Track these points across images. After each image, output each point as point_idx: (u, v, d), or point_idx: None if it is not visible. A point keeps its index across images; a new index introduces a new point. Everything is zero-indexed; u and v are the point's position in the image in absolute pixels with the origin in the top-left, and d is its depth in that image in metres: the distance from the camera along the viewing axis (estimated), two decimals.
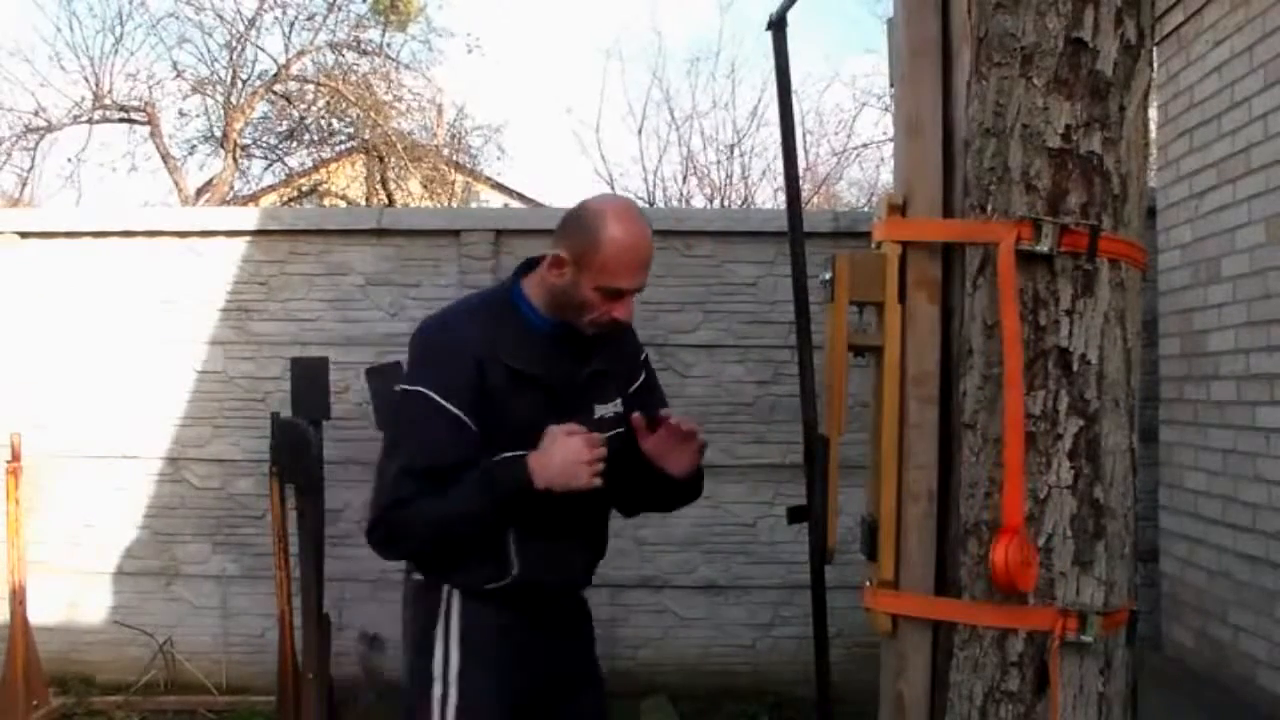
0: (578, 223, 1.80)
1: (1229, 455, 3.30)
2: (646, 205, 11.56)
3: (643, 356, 2.07)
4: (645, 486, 1.92)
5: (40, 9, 20.85)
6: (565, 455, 1.72)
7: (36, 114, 10.62)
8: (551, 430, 1.75)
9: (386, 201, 11.24)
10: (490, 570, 1.83)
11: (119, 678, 4.09)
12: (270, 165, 12.01)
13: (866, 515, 1.67)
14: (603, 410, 1.88)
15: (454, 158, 12.30)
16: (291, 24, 11.32)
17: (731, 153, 12.01)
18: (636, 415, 1.85)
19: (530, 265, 1.90)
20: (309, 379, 3.52)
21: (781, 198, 5.20)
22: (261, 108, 11.47)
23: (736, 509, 4.12)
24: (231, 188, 11.01)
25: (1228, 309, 3.33)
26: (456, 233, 4.20)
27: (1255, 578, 3.12)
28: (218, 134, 11.08)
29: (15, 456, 3.65)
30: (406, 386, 1.81)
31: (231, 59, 11.14)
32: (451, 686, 1.84)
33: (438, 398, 1.76)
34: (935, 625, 1.56)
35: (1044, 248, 1.46)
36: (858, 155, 13.36)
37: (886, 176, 12.27)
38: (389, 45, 11.68)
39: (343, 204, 11.70)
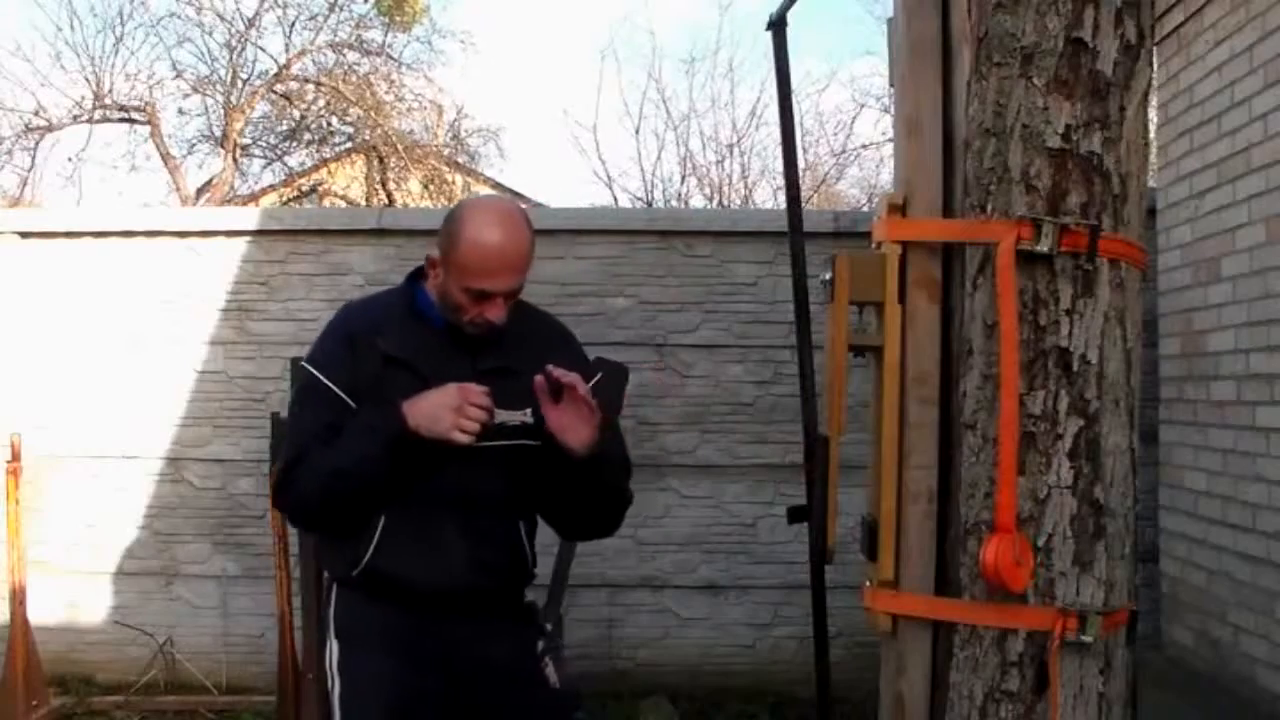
0: (446, 224, 1.81)
1: (1229, 455, 3.30)
2: (645, 205, 11.57)
3: (592, 381, 1.84)
4: (565, 494, 1.87)
5: (41, 8, 20.80)
6: (438, 398, 1.73)
7: (37, 114, 10.63)
8: (444, 385, 1.76)
9: (386, 201, 11.24)
10: (351, 554, 1.84)
11: (119, 678, 4.09)
12: (270, 165, 12.03)
13: (866, 515, 1.67)
14: (505, 416, 1.78)
15: (454, 158, 12.30)
16: (292, 24, 11.34)
17: (730, 152, 12.02)
18: (538, 378, 1.74)
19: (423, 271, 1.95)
20: None
21: (781, 198, 5.20)
22: (261, 107, 11.48)
23: (736, 509, 4.12)
24: (231, 188, 11.02)
25: (1228, 309, 3.33)
26: None
27: (1255, 578, 3.12)
28: (217, 134, 11.08)
29: (15, 456, 3.65)
30: (299, 360, 1.96)
31: (231, 59, 11.16)
32: (336, 676, 1.87)
33: (315, 371, 1.85)
34: (935, 625, 1.56)
35: (1044, 248, 1.46)
36: (857, 156, 13.37)
37: (886, 176, 12.27)
38: (390, 46, 11.70)
39: (343, 204, 11.69)
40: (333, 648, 1.89)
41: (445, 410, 1.71)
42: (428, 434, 1.71)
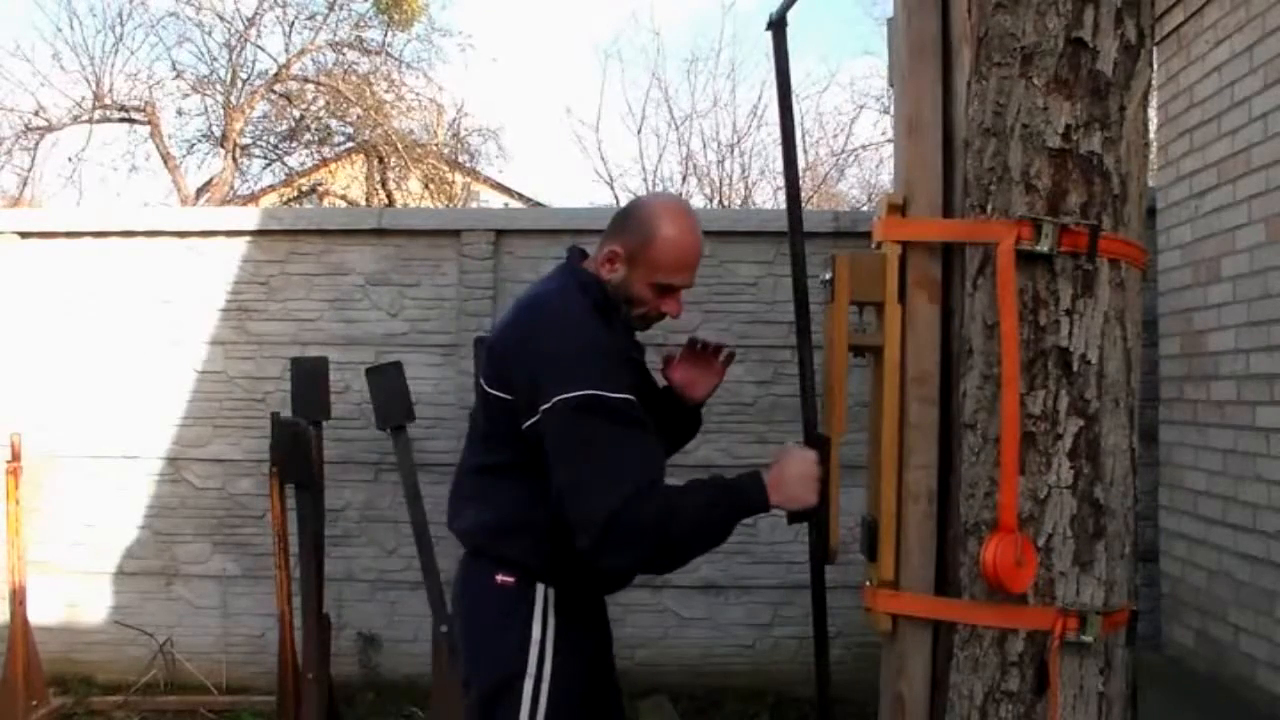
0: (634, 220, 1.83)
1: (1229, 455, 3.30)
2: None
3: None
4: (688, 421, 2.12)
5: (40, 8, 20.87)
6: (798, 472, 1.69)
7: (37, 114, 10.63)
8: (788, 446, 1.74)
9: (386, 201, 11.24)
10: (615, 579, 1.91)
11: (119, 678, 4.09)
12: (270, 165, 12.02)
13: (866, 515, 1.67)
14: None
15: (454, 158, 12.30)
16: (292, 23, 11.34)
17: (731, 152, 12.01)
18: (668, 353, 2.04)
19: (577, 257, 1.93)
20: (309, 379, 3.52)
21: (781, 198, 5.19)
22: (261, 107, 11.47)
23: None
24: (231, 187, 11.01)
25: (1228, 309, 3.33)
26: (456, 233, 4.20)
27: (1255, 578, 3.12)
28: (217, 134, 11.08)
29: (15, 456, 3.65)
30: (582, 393, 1.65)
31: (231, 58, 11.15)
32: (544, 685, 1.80)
33: (615, 395, 1.68)
34: (935, 625, 1.56)
35: (1044, 248, 1.46)
36: (857, 156, 13.37)
37: (886, 176, 12.27)
38: (390, 45, 11.70)
39: (343, 204, 11.69)
40: (547, 652, 1.81)
41: (812, 482, 1.69)
42: (791, 509, 1.71)
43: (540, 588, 1.81)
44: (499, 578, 1.82)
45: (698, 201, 12.19)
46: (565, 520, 1.66)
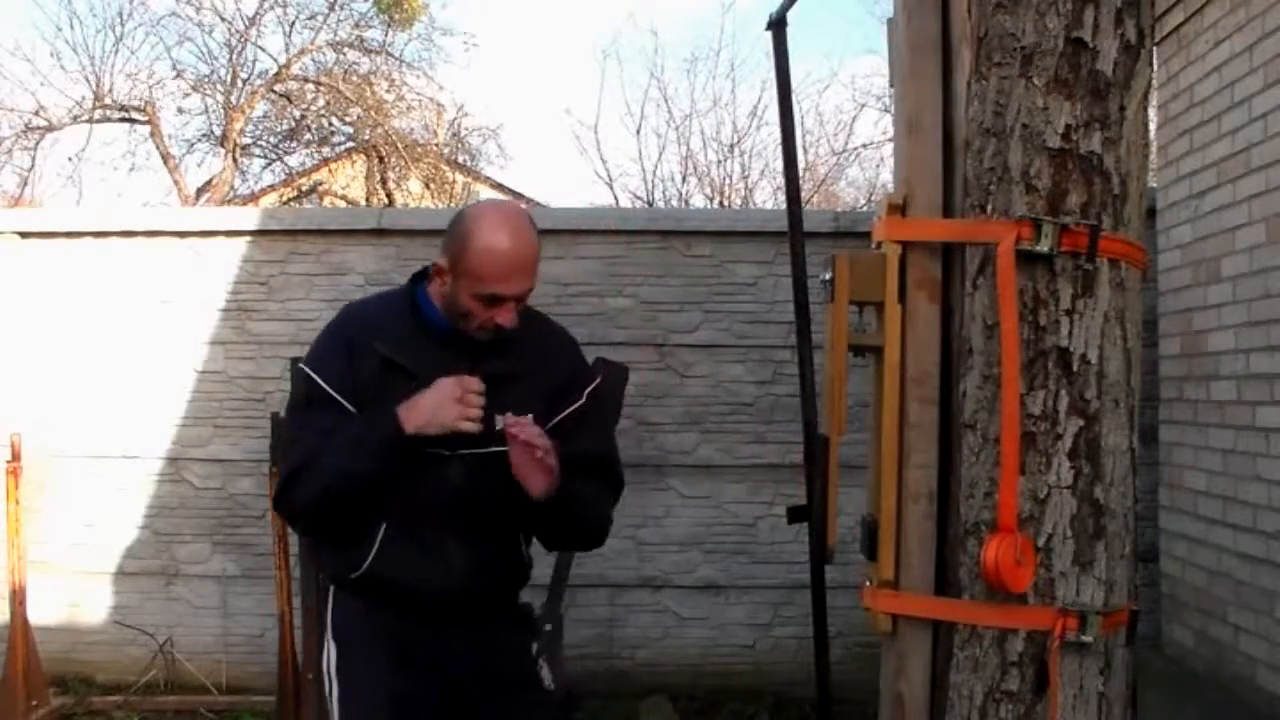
0: (453, 231, 1.80)
1: (1229, 455, 3.30)
2: (646, 205, 11.57)
3: (591, 386, 1.97)
4: (542, 512, 1.83)
5: (41, 8, 20.84)
6: (434, 395, 1.73)
7: (37, 113, 10.63)
8: (435, 382, 1.76)
9: (386, 201, 11.24)
10: (351, 559, 1.85)
11: (119, 678, 4.09)
12: (270, 165, 12.03)
13: (866, 515, 1.67)
14: (504, 422, 1.76)
15: (454, 158, 12.30)
16: (292, 23, 11.34)
17: (731, 152, 12.01)
18: (506, 421, 1.73)
19: (425, 274, 1.93)
20: None
21: (781, 198, 5.19)
22: (261, 107, 11.47)
23: (736, 509, 4.12)
24: (231, 187, 11.02)
25: (1228, 309, 3.33)
26: None
27: (1255, 578, 3.12)
28: (217, 133, 11.08)
29: (15, 456, 3.65)
30: (297, 361, 1.92)
31: (231, 58, 11.16)
32: (333, 679, 1.87)
33: (313, 375, 1.84)
34: (935, 625, 1.56)
35: (1044, 248, 1.46)
36: (857, 156, 13.37)
37: (886, 176, 12.27)
38: (390, 44, 11.70)
39: (343, 204, 11.69)
40: (330, 650, 1.89)
41: (448, 403, 1.71)
42: (436, 431, 1.72)
43: (323, 579, 1.99)
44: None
45: (698, 201, 12.20)
46: None
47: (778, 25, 1.80)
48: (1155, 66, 3.27)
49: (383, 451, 1.74)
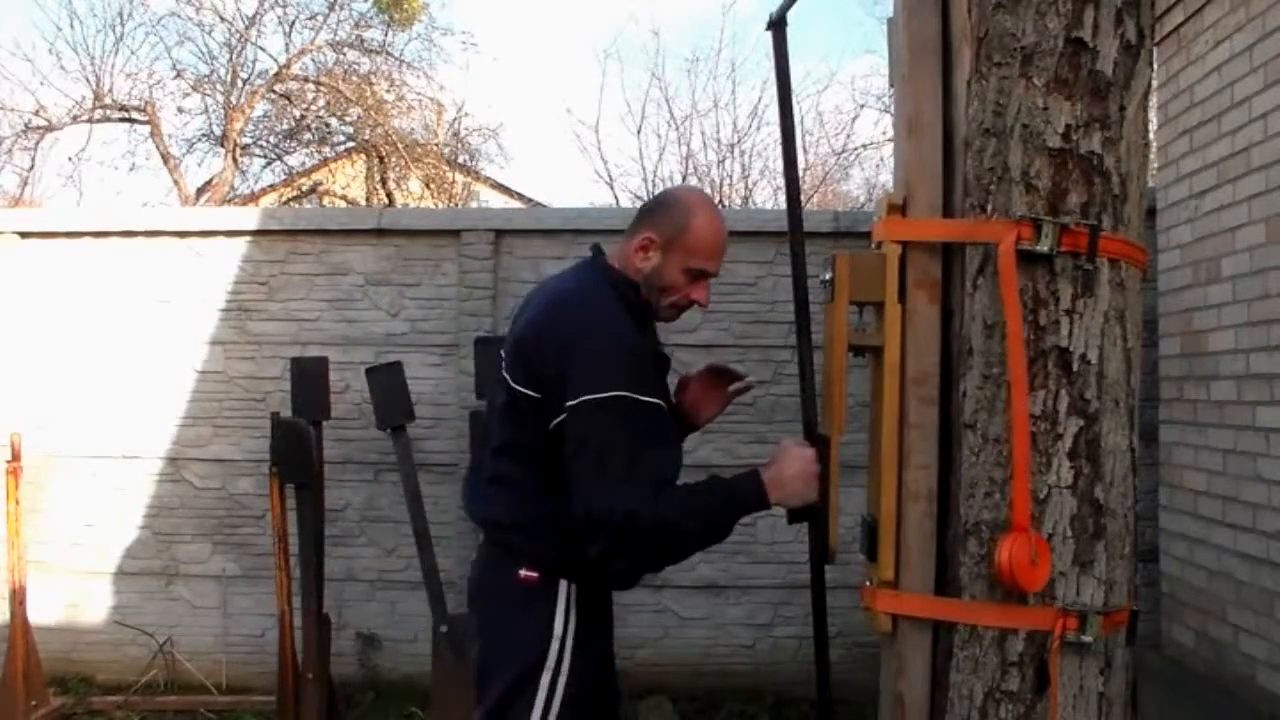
0: (668, 208, 1.88)
1: (1229, 455, 3.30)
2: None
3: None
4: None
5: (41, 8, 20.85)
6: (797, 469, 1.73)
7: (37, 113, 10.62)
8: (784, 444, 1.79)
9: (386, 201, 11.24)
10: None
11: (119, 678, 4.09)
12: (270, 165, 12.02)
13: (866, 515, 1.67)
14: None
15: (454, 157, 12.30)
16: (292, 23, 11.34)
17: (731, 152, 12.01)
18: (685, 374, 2.08)
19: (601, 254, 1.96)
20: (309, 379, 3.52)
21: (781, 198, 5.19)
22: (261, 107, 11.47)
23: None
24: (231, 187, 11.01)
25: (1228, 309, 3.33)
26: (456, 233, 4.20)
27: (1255, 578, 3.12)
28: (217, 133, 11.08)
29: (15, 456, 3.65)
30: (610, 394, 1.67)
31: (231, 58, 11.15)
32: (560, 680, 1.82)
33: (643, 398, 1.71)
34: (935, 625, 1.56)
35: (1044, 248, 1.46)
36: (857, 156, 13.37)
37: (886, 176, 12.27)
38: (390, 44, 11.70)
39: (343, 204, 11.68)
40: (566, 647, 1.84)
41: (813, 480, 1.73)
42: (791, 506, 1.75)
43: (563, 584, 1.84)
44: (522, 573, 1.84)
45: None
46: (574, 519, 1.68)
47: (778, 25, 1.80)
48: (1155, 66, 3.27)
49: (741, 516, 1.76)
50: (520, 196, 14.29)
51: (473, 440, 3.60)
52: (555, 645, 1.82)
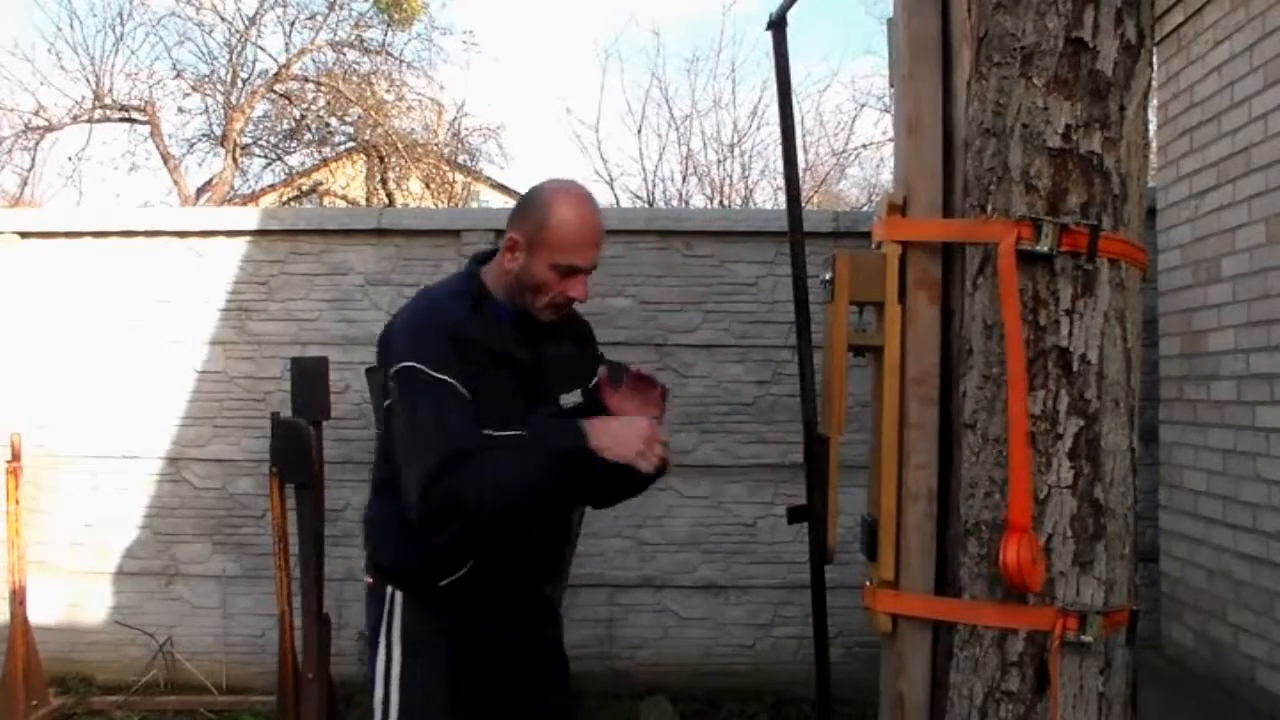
0: (529, 205, 1.85)
1: (1229, 455, 3.30)
2: (646, 205, 11.56)
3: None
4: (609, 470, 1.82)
5: (41, 8, 20.85)
6: (629, 426, 1.73)
7: (37, 113, 10.62)
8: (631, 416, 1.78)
9: (386, 201, 11.24)
10: (448, 564, 1.81)
11: (119, 678, 4.09)
12: (270, 165, 12.02)
13: (866, 515, 1.67)
14: (567, 400, 1.87)
15: (454, 157, 12.30)
16: (292, 23, 11.34)
17: (731, 152, 12.01)
18: (602, 369, 1.86)
19: (482, 259, 1.96)
20: (309, 379, 3.51)
21: (781, 198, 5.19)
22: (261, 107, 11.47)
23: (736, 509, 4.12)
24: (231, 187, 11.01)
25: (1228, 309, 3.33)
26: (456, 233, 4.20)
27: (1255, 578, 3.12)
28: (217, 133, 11.08)
29: (15, 456, 3.64)
30: (402, 365, 1.75)
31: (231, 58, 11.15)
32: (393, 688, 1.84)
33: (436, 373, 1.74)
34: (935, 625, 1.56)
35: (1044, 248, 1.46)
36: (857, 156, 13.37)
37: (886, 176, 12.27)
38: (390, 44, 11.70)
39: (343, 204, 11.68)
40: (394, 654, 1.85)
41: (636, 439, 1.71)
42: (611, 456, 1.71)
43: (389, 589, 1.88)
44: (368, 579, 1.93)
45: (698, 201, 12.20)
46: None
47: (778, 25, 1.80)
48: (1155, 66, 3.27)
49: (565, 459, 1.71)
50: (520, 196, 14.25)
51: None
52: (383, 650, 1.85)
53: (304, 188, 12.21)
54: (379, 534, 1.94)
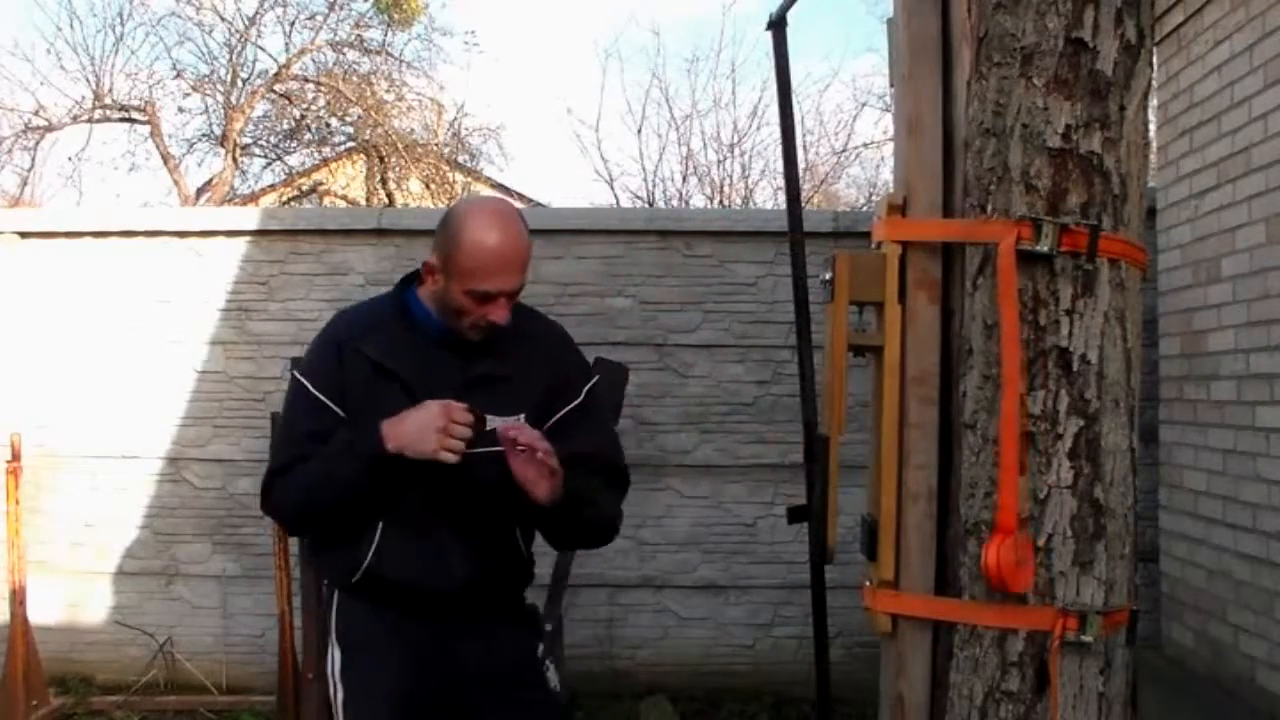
0: (444, 228, 1.78)
1: (1229, 455, 3.30)
2: (647, 205, 11.57)
3: (589, 384, 1.95)
4: (550, 514, 1.79)
5: (41, 8, 20.83)
6: (418, 418, 1.71)
7: (37, 113, 10.63)
8: (426, 402, 1.74)
9: (386, 201, 11.24)
10: (349, 561, 1.84)
11: (119, 678, 4.09)
12: (270, 165, 12.02)
13: (866, 515, 1.67)
14: (498, 422, 1.74)
15: (454, 158, 12.30)
16: (292, 23, 11.34)
17: (731, 152, 12.01)
18: (501, 428, 1.71)
19: (411, 278, 1.93)
20: None
21: (781, 198, 5.19)
22: (261, 107, 11.47)
23: (736, 509, 4.12)
24: (231, 187, 11.01)
25: (1228, 309, 3.33)
26: None
27: (1255, 578, 3.12)
28: (217, 133, 11.08)
29: (15, 456, 3.65)
30: (291, 369, 1.95)
31: (231, 58, 11.15)
32: (338, 684, 1.86)
33: (303, 380, 1.86)
34: (935, 625, 1.56)
35: (1044, 248, 1.46)
36: (857, 155, 13.36)
37: (886, 176, 12.27)
38: (390, 44, 11.70)
39: (343, 204, 11.68)
40: (334, 654, 1.89)
41: (429, 431, 1.69)
42: (413, 454, 1.70)
43: (324, 584, 1.97)
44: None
45: (698, 201, 12.21)
46: None
47: (778, 25, 1.80)
48: (1155, 66, 3.27)
49: (364, 465, 1.74)
50: (520, 196, 14.28)
51: None
52: (331, 647, 1.92)
53: (304, 188, 12.22)
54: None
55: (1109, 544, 1.51)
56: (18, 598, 3.62)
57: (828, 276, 1.64)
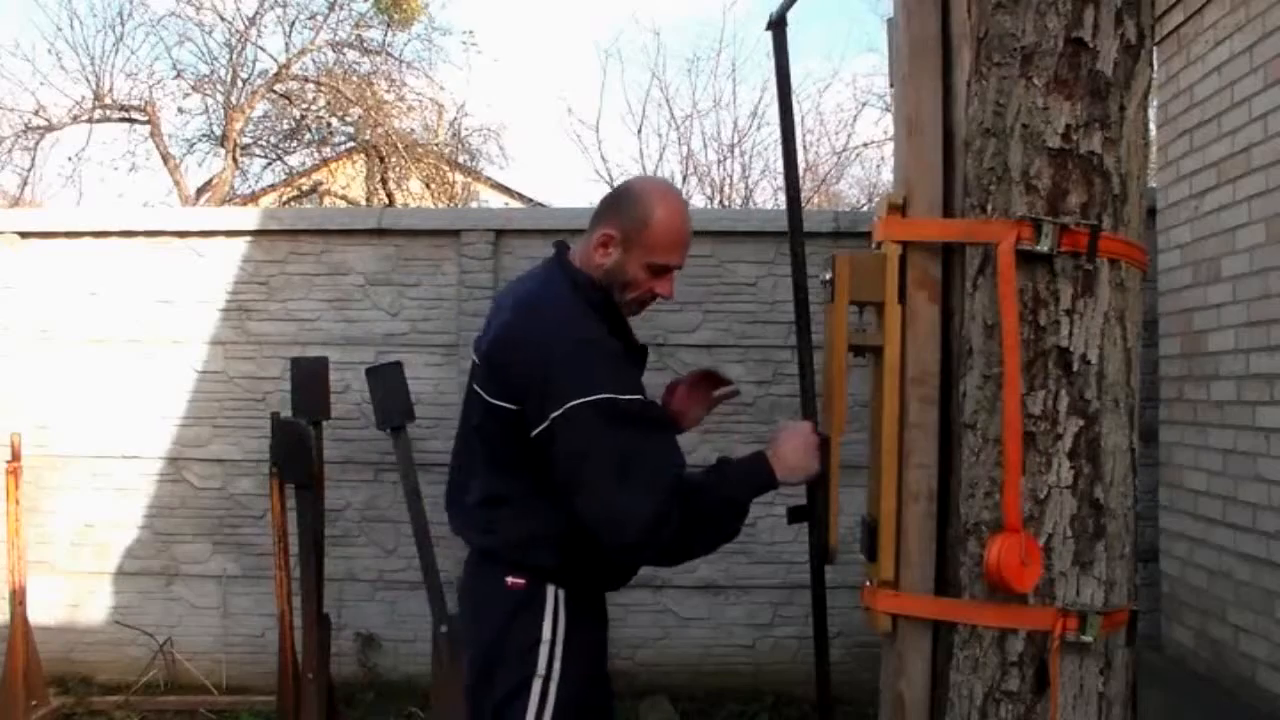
0: (627, 202, 1.84)
1: (1229, 455, 3.30)
2: None
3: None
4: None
5: (41, 8, 20.83)
6: (801, 442, 1.74)
7: (37, 113, 10.62)
8: (782, 424, 1.85)
9: (386, 201, 11.23)
10: (620, 567, 1.91)
11: (119, 678, 4.09)
12: (270, 165, 12.02)
13: (866, 515, 1.67)
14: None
15: (454, 157, 12.30)
16: (292, 23, 11.34)
17: (731, 152, 12.01)
18: (675, 379, 2.06)
19: (564, 252, 1.93)
20: (309, 379, 3.51)
21: (781, 198, 5.19)
22: (261, 107, 11.46)
23: None
24: (231, 187, 11.01)
25: (1228, 309, 3.33)
26: (456, 233, 4.20)
27: (1255, 578, 3.12)
28: (217, 133, 11.08)
29: (15, 456, 3.65)
30: (595, 397, 1.66)
31: (231, 58, 11.15)
32: (553, 681, 1.81)
33: (625, 397, 1.69)
34: (935, 625, 1.56)
35: (1044, 248, 1.46)
36: (858, 155, 13.37)
37: (886, 176, 12.27)
38: (390, 44, 11.70)
39: (343, 204, 11.68)
40: (557, 656, 1.82)
41: (812, 451, 1.74)
42: (796, 481, 1.76)
43: (550, 589, 1.82)
44: (510, 580, 1.82)
45: (698, 201, 12.20)
46: (587, 525, 1.69)
47: (778, 25, 1.80)
48: (1155, 66, 3.27)
49: (753, 498, 1.76)
50: (520, 196, 14.29)
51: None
52: (545, 650, 1.80)
53: (304, 188, 12.21)
54: (530, 538, 1.83)
55: (1109, 544, 1.51)
56: (18, 598, 3.62)
57: (828, 276, 1.64)
